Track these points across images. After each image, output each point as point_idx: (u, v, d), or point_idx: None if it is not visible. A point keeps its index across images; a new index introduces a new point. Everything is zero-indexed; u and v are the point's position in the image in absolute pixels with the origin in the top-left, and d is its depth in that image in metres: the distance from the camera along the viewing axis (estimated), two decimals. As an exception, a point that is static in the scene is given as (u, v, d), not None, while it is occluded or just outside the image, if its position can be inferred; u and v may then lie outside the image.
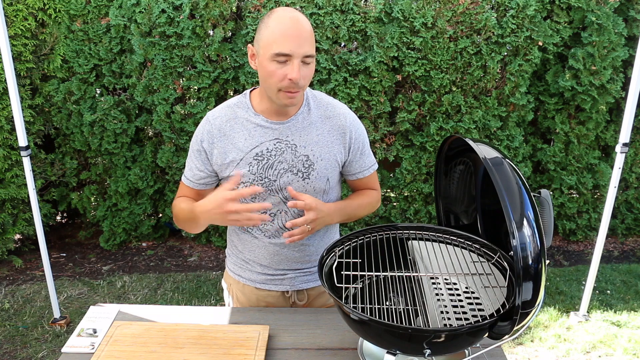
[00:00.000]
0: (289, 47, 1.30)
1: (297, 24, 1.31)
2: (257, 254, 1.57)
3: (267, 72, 1.34)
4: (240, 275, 1.63)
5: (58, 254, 3.89)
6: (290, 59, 1.31)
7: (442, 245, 1.42)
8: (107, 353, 1.29)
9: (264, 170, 1.44)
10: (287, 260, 1.57)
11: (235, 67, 3.48)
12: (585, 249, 3.95)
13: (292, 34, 1.30)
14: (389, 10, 3.36)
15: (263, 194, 1.46)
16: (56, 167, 3.78)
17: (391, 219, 3.77)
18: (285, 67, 1.32)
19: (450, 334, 1.08)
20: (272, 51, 1.31)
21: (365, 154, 1.56)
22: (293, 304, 1.63)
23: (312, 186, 1.48)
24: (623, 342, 2.81)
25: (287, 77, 1.32)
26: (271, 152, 1.44)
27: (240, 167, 1.44)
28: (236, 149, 1.44)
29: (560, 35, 3.45)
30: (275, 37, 1.30)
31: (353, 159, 1.54)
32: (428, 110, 3.51)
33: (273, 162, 1.45)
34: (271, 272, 1.58)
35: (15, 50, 3.36)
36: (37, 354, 2.76)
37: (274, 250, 1.55)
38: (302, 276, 1.60)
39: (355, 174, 1.57)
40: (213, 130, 1.46)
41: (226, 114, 1.48)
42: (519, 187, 1.10)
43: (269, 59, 1.32)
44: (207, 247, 3.99)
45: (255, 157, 1.44)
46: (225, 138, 1.45)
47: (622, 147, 2.71)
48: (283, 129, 1.45)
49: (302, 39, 1.31)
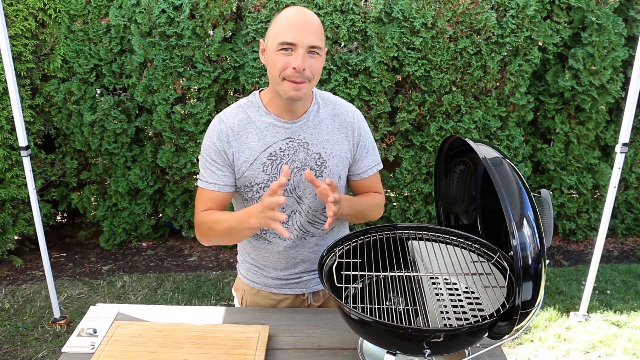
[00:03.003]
0: (292, 36, 1.32)
1: (302, 16, 1.34)
2: (271, 259, 1.56)
3: (272, 62, 1.36)
4: (254, 281, 1.62)
5: (58, 254, 3.89)
6: (294, 48, 1.33)
7: (442, 245, 1.42)
8: (107, 353, 1.29)
9: (278, 169, 1.44)
10: (302, 262, 1.57)
11: (235, 67, 3.48)
12: (585, 249, 3.95)
13: (297, 25, 1.32)
14: (389, 10, 3.36)
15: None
16: (56, 167, 3.78)
17: (391, 219, 3.77)
18: (289, 57, 1.33)
19: (450, 334, 1.08)
20: (277, 41, 1.33)
21: (370, 153, 1.56)
22: (309, 305, 1.63)
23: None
24: (623, 342, 2.81)
25: (290, 65, 1.32)
26: (284, 151, 1.44)
27: (253, 167, 1.44)
28: (249, 150, 1.44)
29: (560, 36, 3.45)
30: (281, 28, 1.34)
31: (360, 156, 1.54)
32: (428, 110, 3.51)
33: (287, 161, 1.45)
34: (286, 276, 1.58)
35: (16, 50, 3.36)
36: (37, 354, 2.76)
37: (289, 254, 1.55)
38: (317, 278, 1.59)
39: (359, 174, 1.56)
40: (227, 129, 1.44)
41: (237, 114, 1.47)
42: (519, 187, 1.10)
43: (275, 50, 1.34)
44: (207, 247, 3.99)
45: (269, 157, 1.44)
46: (239, 138, 1.44)
47: (622, 147, 2.71)
48: (295, 128, 1.46)
49: (307, 30, 1.33)
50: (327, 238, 1.56)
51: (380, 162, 1.60)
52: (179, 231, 4.12)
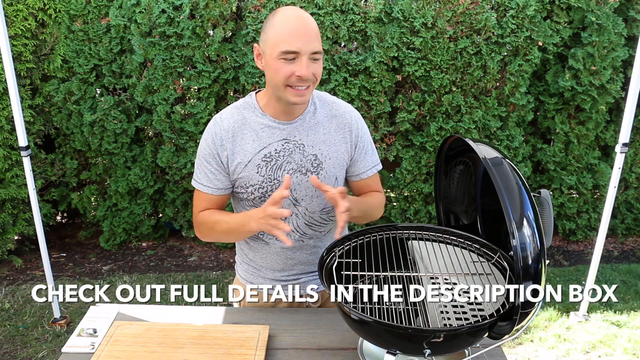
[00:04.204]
0: (296, 44, 1.30)
1: (303, 22, 1.33)
2: (269, 260, 1.56)
3: (274, 70, 1.33)
4: (252, 282, 1.61)
5: (58, 254, 3.89)
6: (298, 56, 1.31)
7: (442, 245, 1.42)
8: (107, 353, 1.29)
9: (273, 171, 1.43)
10: (300, 263, 1.56)
11: (235, 67, 3.48)
12: (585, 249, 3.95)
13: (300, 32, 1.30)
14: (389, 11, 3.36)
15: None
16: (56, 167, 3.78)
17: (391, 219, 3.77)
18: (293, 65, 1.32)
19: (450, 334, 1.08)
20: (279, 49, 1.31)
21: (368, 153, 1.55)
22: (308, 306, 1.62)
23: None
24: (623, 342, 2.81)
25: (295, 73, 1.31)
26: (279, 152, 1.44)
27: (248, 169, 1.43)
28: (244, 151, 1.43)
29: (560, 35, 3.45)
30: (282, 36, 1.31)
31: (358, 157, 1.53)
32: (428, 110, 3.51)
33: (282, 162, 1.44)
34: (284, 277, 1.58)
35: (16, 51, 3.36)
36: (37, 353, 2.76)
37: (287, 255, 1.54)
38: (315, 279, 1.58)
39: (359, 174, 1.55)
40: (222, 132, 1.44)
41: (233, 115, 1.46)
42: (519, 187, 1.10)
43: (276, 58, 1.32)
44: (207, 247, 3.99)
45: (263, 159, 1.43)
46: (234, 140, 1.43)
47: (622, 147, 2.71)
48: (291, 129, 1.45)
49: (310, 37, 1.31)
50: (324, 240, 1.56)
51: (380, 162, 1.59)
52: (179, 231, 4.12)
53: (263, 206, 1.32)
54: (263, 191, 1.44)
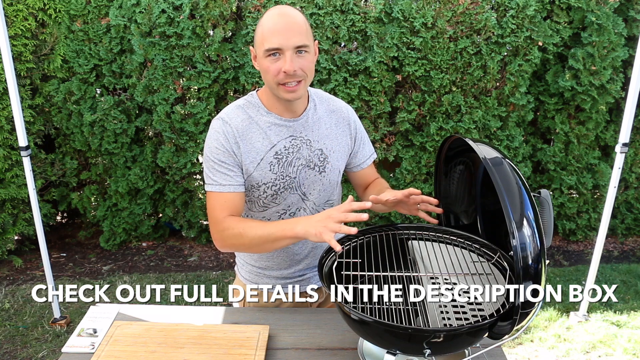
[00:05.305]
0: (277, 41, 1.31)
1: (284, 18, 1.33)
2: (275, 260, 1.57)
3: (264, 69, 1.36)
4: (257, 282, 1.62)
5: (58, 254, 3.89)
6: (282, 53, 1.33)
7: (442, 245, 1.42)
8: (107, 353, 1.29)
9: (285, 168, 1.45)
10: (305, 259, 1.58)
11: (235, 67, 3.48)
12: (585, 249, 3.95)
13: (280, 28, 1.32)
14: (389, 11, 3.36)
15: (284, 193, 1.46)
16: (56, 167, 3.78)
17: (391, 219, 3.77)
18: (279, 62, 1.33)
19: (450, 334, 1.08)
20: (264, 48, 1.33)
21: (365, 143, 1.62)
22: (312, 304, 1.63)
23: (328, 179, 1.51)
24: (623, 342, 2.81)
25: (281, 70, 1.33)
26: (288, 149, 1.45)
27: (261, 167, 1.43)
28: (255, 150, 1.43)
29: (560, 36, 3.45)
30: (265, 34, 1.33)
31: (358, 149, 1.59)
32: (428, 110, 3.51)
33: (292, 159, 1.46)
34: (290, 275, 1.59)
35: (16, 50, 3.36)
36: (37, 353, 2.76)
37: (293, 251, 1.55)
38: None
39: (360, 165, 1.61)
40: (233, 130, 1.42)
41: (239, 114, 1.45)
42: (519, 187, 1.10)
43: (263, 57, 1.35)
44: (207, 247, 3.99)
45: (275, 156, 1.44)
46: (244, 139, 1.42)
47: (622, 147, 2.71)
48: (297, 126, 1.47)
49: (291, 32, 1.32)
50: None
51: (374, 150, 1.66)
52: (179, 231, 4.12)
53: (327, 210, 1.28)
54: (276, 189, 1.46)
